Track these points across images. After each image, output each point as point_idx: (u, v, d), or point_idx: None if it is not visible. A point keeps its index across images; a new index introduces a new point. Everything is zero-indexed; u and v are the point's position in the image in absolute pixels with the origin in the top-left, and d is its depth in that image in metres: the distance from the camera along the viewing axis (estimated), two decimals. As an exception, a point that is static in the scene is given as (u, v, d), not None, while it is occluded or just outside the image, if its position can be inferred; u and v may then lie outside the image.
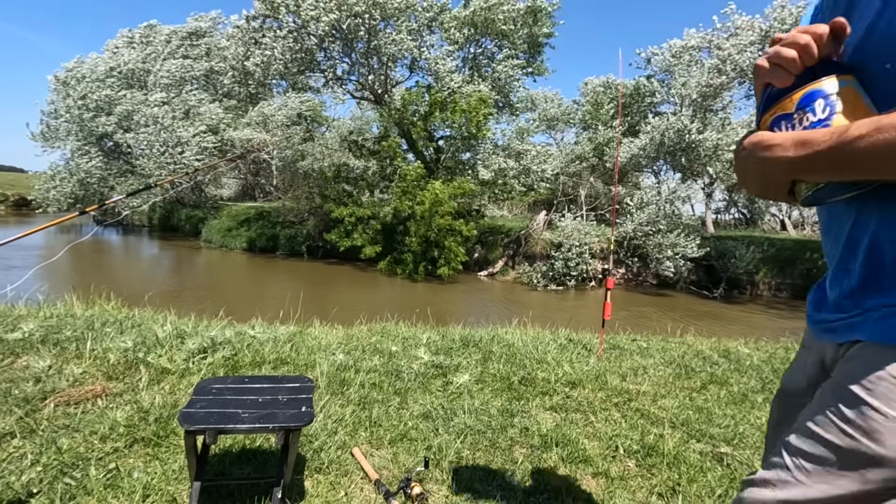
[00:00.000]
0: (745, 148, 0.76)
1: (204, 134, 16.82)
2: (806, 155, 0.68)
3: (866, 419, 0.68)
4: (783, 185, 0.74)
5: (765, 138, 0.73)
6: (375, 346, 3.35)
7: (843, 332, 0.81)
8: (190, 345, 2.82)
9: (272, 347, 3.06)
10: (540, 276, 12.87)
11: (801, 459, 0.75)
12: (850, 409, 0.70)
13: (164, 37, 22.16)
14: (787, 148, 0.70)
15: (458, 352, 3.32)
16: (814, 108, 0.71)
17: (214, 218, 19.90)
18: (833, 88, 0.71)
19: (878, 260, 0.76)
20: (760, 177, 0.76)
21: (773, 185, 0.75)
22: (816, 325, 0.93)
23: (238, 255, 16.95)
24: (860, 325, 0.77)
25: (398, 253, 13.60)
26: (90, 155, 19.51)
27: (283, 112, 15.98)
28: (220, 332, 3.11)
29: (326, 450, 1.97)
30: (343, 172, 15.25)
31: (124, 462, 1.80)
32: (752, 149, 0.75)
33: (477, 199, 15.06)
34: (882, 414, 0.67)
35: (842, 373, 0.76)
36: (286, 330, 3.55)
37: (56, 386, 2.32)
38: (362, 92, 16.48)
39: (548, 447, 2.15)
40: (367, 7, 13.32)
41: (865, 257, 0.78)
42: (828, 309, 0.87)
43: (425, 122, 14.28)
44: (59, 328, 3.05)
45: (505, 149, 15.51)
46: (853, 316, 0.79)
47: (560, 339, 3.90)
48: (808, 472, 0.74)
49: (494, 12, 15.04)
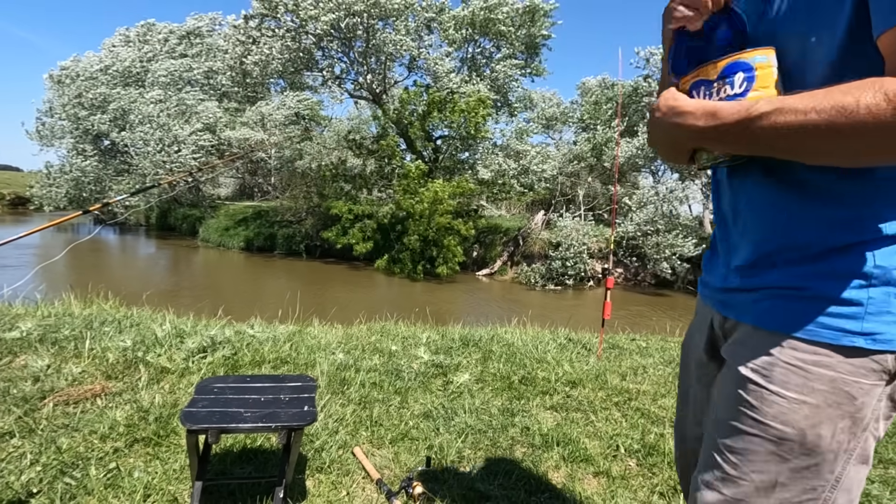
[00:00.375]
0: (660, 110, 0.77)
1: (200, 132, 16.77)
2: (713, 126, 0.70)
3: (770, 405, 0.74)
4: (687, 151, 0.77)
5: (679, 105, 0.74)
6: (375, 345, 3.34)
7: (729, 308, 0.86)
8: (189, 344, 2.81)
9: (272, 347, 3.05)
10: (538, 276, 12.89)
11: (728, 454, 0.79)
12: (754, 398, 0.76)
13: (162, 35, 22.08)
14: (697, 117, 0.71)
15: (458, 351, 3.32)
16: (733, 80, 0.72)
17: (212, 217, 19.84)
18: (755, 62, 0.71)
19: (761, 238, 0.80)
20: (670, 141, 0.78)
21: (680, 150, 0.78)
22: (703, 288, 0.99)
23: (235, 255, 16.92)
24: (745, 308, 0.81)
25: (396, 252, 13.59)
26: (85, 154, 19.43)
27: (281, 112, 15.95)
28: (220, 332, 3.10)
29: (328, 449, 1.96)
30: (341, 171, 15.24)
31: (125, 462, 1.79)
32: (666, 113, 0.76)
33: (475, 199, 15.05)
34: (783, 398, 0.73)
35: (736, 360, 0.80)
36: (285, 329, 3.54)
37: (55, 385, 2.31)
38: (360, 91, 16.46)
39: (549, 446, 2.15)
40: (367, 6, 13.30)
41: (749, 233, 0.82)
42: (716, 277, 0.92)
43: (423, 121, 14.27)
44: (58, 327, 3.04)
45: (504, 149, 15.51)
46: (738, 291, 0.83)
47: (559, 338, 3.90)
48: (738, 464, 0.77)
49: (494, 12, 15.04)
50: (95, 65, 20.16)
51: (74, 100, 19.18)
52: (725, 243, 0.90)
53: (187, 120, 17.16)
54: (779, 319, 0.75)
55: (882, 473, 2.11)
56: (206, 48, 21.31)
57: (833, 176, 0.71)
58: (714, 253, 0.97)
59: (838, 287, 0.71)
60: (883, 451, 2.28)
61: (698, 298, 1.03)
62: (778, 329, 0.75)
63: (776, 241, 0.77)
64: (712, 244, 0.99)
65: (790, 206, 0.76)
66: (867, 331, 0.69)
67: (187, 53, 21.14)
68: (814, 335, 0.71)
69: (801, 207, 0.75)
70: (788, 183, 0.76)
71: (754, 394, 0.76)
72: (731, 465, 0.78)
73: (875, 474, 2.09)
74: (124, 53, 21.02)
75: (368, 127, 16.55)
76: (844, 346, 0.70)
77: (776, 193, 0.77)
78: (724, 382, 0.83)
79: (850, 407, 0.71)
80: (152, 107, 17.24)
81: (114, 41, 22.68)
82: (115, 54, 21.01)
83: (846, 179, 0.70)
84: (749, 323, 0.80)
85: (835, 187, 0.71)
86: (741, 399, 0.77)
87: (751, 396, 0.76)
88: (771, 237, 0.78)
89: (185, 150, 16.44)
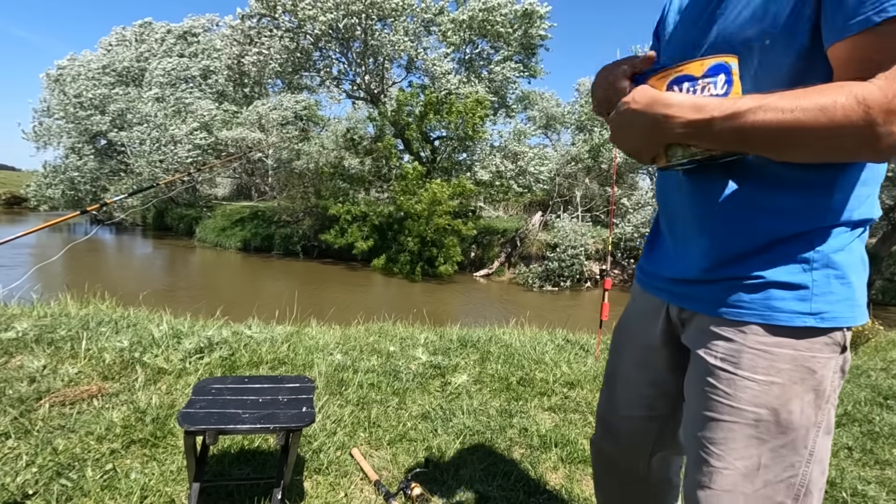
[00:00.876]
0: (638, 103, 0.76)
1: (197, 131, 16.72)
2: (699, 120, 0.71)
3: (743, 390, 0.79)
4: (660, 146, 0.77)
5: (663, 97, 0.74)
6: (373, 346, 3.33)
7: (687, 300, 0.90)
8: (186, 344, 2.80)
9: (269, 347, 3.04)
10: (536, 277, 12.90)
11: (711, 447, 0.81)
12: (726, 385, 0.80)
13: (159, 35, 22.02)
14: (685, 110, 0.72)
15: (456, 352, 3.31)
16: (716, 81, 0.73)
17: (209, 217, 19.78)
18: (732, 68, 0.74)
19: (716, 232, 0.83)
20: (647, 135, 0.77)
21: (654, 144, 0.78)
22: (650, 278, 1.02)
23: (233, 255, 16.87)
24: (706, 299, 0.85)
25: (394, 252, 13.58)
26: (82, 154, 19.36)
27: (278, 111, 15.92)
28: (217, 332, 3.09)
29: (325, 450, 1.96)
30: (339, 171, 15.22)
31: (121, 463, 1.78)
32: (647, 105, 0.75)
33: (473, 200, 15.06)
34: (753, 381, 0.78)
35: (704, 351, 0.84)
36: (283, 330, 3.53)
37: (51, 386, 2.30)
38: (358, 92, 16.45)
39: (547, 447, 2.15)
40: (365, 6, 13.29)
41: (705, 226, 0.85)
42: (667, 268, 0.95)
43: (420, 123, 14.27)
44: (54, 327, 3.02)
45: (501, 149, 15.52)
46: (697, 284, 0.87)
47: (557, 339, 3.90)
48: (721, 454, 0.80)
49: (493, 14, 15.05)
50: (93, 64, 20.09)
51: (74, 99, 19.11)
52: (675, 235, 0.94)
53: (184, 119, 17.10)
54: (740, 309, 0.80)
55: (879, 474, 2.11)
56: (202, 48, 21.26)
57: (782, 172, 0.76)
58: (659, 243, 1.01)
59: (786, 273, 0.77)
60: (879, 453, 2.29)
61: (637, 286, 1.08)
62: (740, 318, 0.80)
63: (731, 233, 0.81)
64: (656, 234, 1.03)
65: (743, 199, 0.80)
66: (815, 311, 0.76)
67: (184, 53, 21.08)
68: (772, 319, 0.77)
69: (753, 201, 0.79)
70: (741, 177, 0.80)
71: (726, 381, 0.80)
72: (716, 458, 0.81)
73: (871, 475, 2.10)
74: (122, 53, 20.96)
75: (366, 127, 16.49)
76: (799, 327, 0.76)
77: (729, 187, 0.81)
78: (695, 377, 0.87)
79: (812, 381, 0.77)
80: (150, 106, 17.19)
81: (111, 40, 22.62)
82: (113, 54, 20.96)
83: (793, 175, 0.76)
84: (711, 314, 0.84)
85: (782, 182, 0.77)
86: (714, 389, 0.81)
87: (723, 385, 0.80)
88: (725, 230, 0.82)
89: (182, 150, 16.39)
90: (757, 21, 0.75)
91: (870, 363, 3.81)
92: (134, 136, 17.11)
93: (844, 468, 2.13)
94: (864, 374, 3.47)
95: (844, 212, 0.77)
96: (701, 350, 0.85)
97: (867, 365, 3.74)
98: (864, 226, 0.80)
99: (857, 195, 0.77)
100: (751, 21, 0.76)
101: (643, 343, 1.04)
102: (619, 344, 1.13)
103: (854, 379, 3.35)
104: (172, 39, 21.77)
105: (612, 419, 1.13)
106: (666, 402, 1.03)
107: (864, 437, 2.44)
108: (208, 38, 21.63)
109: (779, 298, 0.77)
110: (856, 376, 3.40)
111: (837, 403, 0.82)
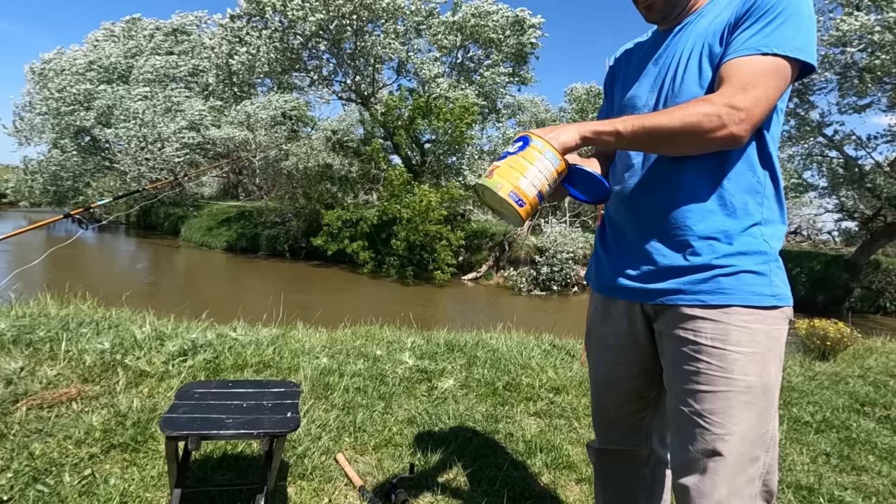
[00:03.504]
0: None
1: (185, 130, 16.51)
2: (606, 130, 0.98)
3: (733, 362, 0.94)
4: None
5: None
6: (360, 349, 3.32)
7: (663, 296, 1.02)
8: (170, 347, 2.75)
9: (254, 350, 3.01)
10: (524, 281, 12.94)
11: (711, 416, 0.94)
12: (719, 360, 0.95)
13: (148, 32, 21.71)
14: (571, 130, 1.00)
15: (443, 356, 3.31)
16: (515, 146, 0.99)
17: (195, 216, 19.53)
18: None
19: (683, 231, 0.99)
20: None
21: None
22: (611, 284, 1.14)
23: (218, 255, 16.67)
24: (683, 290, 0.99)
25: (383, 256, 13.53)
26: (65, 149, 18.98)
27: (267, 111, 15.77)
28: (201, 335, 3.05)
29: (310, 455, 1.94)
30: (328, 174, 15.13)
31: (100, 468, 1.75)
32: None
33: (463, 203, 15.07)
34: (740, 353, 0.94)
35: (691, 334, 0.98)
36: (269, 332, 3.50)
37: (28, 388, 2.25)
38: (348, 93, 16.39)
39: (532, 453, 2.15)
40: (355, 7, 13.26)
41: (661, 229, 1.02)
42: (632, 270, 1.07)
43: (408, 127, 14.25)
44: (32, 328, 2.96)
45: (491, 153, 15.57)
46: (670, 278, 1.01)
47: (544, 344, 3.92)
48: (721, 422, 0.93)
49: (484, 19, 15.12)
50: (79, 59, 19.73)
51: (57, 94, 18.73)
52: (627, 242, 1.09)
53: (172, 118, 16.87)
54: (724, 294, 0.96)
55: (856, 480, 2.16)
56: (191, 45, 21.01)
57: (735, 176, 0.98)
58: (616, 249, 1.14)
59: (754, 263, 0.96)
60: (856, 459, 2.33)
61: (599, 295, 1.23)
62: (725, 302, 0.96)
63: (700, 231, 0.98)
64: (609, 241, 1.18)
65: (708, 198, 0.98)
66: (775, 293, 0.97)
67: (174, 51, 20.81)
68: (748, 301, 0.96)
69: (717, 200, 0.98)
70: (703, 179, 0.99)
71: (718, 356, 0.95)
72: (717, 426, 0.93)
73: (849, 481, 2.14)
74: (109, 48, 20.62)
75: (356, 129, 16.43)
76: (766, 306, 0.96)
77: (693, 188, 0.99)
78: (682, 359, 1.00)
79: (778, 347, 0.98)
80: (139, 103, 16.91)
81: (98, 35, 22.24)
82: (101, 49, 20.60)
83: (739, 175, 0.98)
84: (693, 303, 0.98)
85: (739, 185, 0.98)
86: (709, 365, 0.95)
87: (715, 360, 0.95)
88: (693, 229, 0.99)
89: (169, 148, 16.16)
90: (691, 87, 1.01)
91: (848, 370, 3.89)
92: (120, 133, 16.81)
93: (822, 474, 2.17)
94: (842, 381, 3.54)
95: (779, 214, 1.01)
96: (689, 334, 0.98)
97: (845, 372, 3.81)
98: (784, 226, 1.03)
99: (781, 202, 1.01)
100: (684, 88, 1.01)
101: (618, 343, 1.17)
102: (596, 352, 1.25)
103: (832, 386, 3.41)
104: (161, 36, 21.48)
105: (610, 421, 1.25)
106: (654, 387, 1.17)
107: (842, 444, 2.49)
108: (197, 36, 21.39)
109: (752, 284, 0.96)
110: (834, 383, 3.46)
111: (816, 410, 0.95)
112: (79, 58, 19.93)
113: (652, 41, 1.14)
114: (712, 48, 0.98)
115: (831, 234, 18.04)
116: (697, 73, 0.99)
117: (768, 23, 0.91)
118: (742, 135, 0.89)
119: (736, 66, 0.91)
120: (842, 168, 12.26)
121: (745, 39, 0.92)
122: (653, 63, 1.09)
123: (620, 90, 1.18)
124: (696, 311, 0.98)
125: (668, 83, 1.04)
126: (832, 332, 4.34)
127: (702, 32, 1.01)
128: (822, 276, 12.63)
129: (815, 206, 17.06)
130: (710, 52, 0.98)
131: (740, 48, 0.92)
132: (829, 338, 4.33)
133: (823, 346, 4.34)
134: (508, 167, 0.95)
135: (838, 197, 13.82)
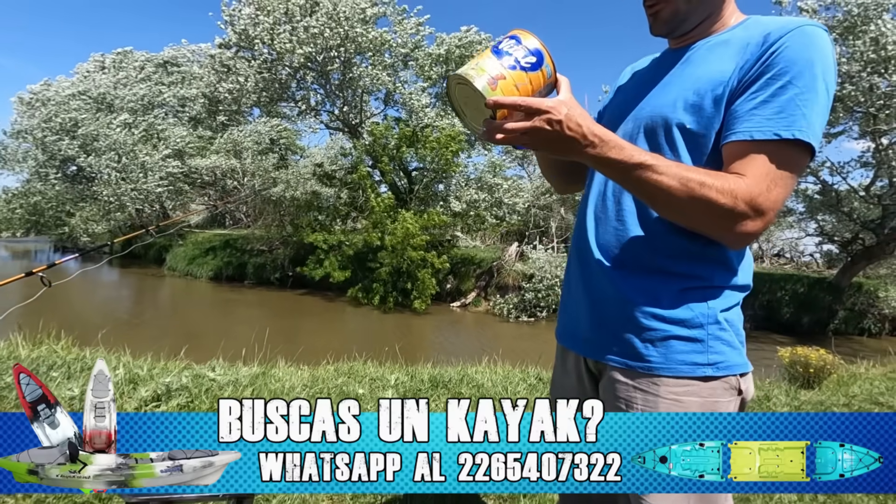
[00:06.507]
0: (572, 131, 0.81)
1: (169, 159, 16.45)
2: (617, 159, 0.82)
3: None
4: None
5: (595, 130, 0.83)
6: (342, 388, 3.25)
7: (600, 353, 0.96)
8: (142, 392, 2.67)
9: (232, 391, 2.94)
10: (512, 308, 12.92)
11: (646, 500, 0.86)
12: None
13: (139, 63, 21.86)
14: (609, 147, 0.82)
15: (427, 393, 3.26)
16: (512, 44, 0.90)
17: (180, 245, 19.32)
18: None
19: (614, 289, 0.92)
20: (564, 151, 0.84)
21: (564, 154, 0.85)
22: (567, 334, 1.08)
23: (203, 284, 16.44)
24: (616, 352, 0.92)
25: (368, 282, 13.46)
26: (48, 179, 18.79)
27: (254, 138, 15.81)
28: (177, 378, 2.96)
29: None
30: (315, 202, 15.15)
31: (60, 530, 1.66)
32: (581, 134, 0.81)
33: (449, 230, 15.13)
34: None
35: (622, 403, 0.91)
36: (248, 371, 3.42)
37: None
38: (336, 123, 16.57)
39: (515, 497, 2.10)
40: (342, 41, 13.53)
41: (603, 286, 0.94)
42: (581, 323, 1.01)
43: (394, 156, 14.39)
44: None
45: (478, 181, 15.74)
46: (605, 336, 0.94)
47: (530, 378, 3.88)
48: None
49: (469, 50, 15.51)
50: (68, 89, 19.72)
51: (43, 123, 18.65)
52: (576, 297, 1.02)
53: (155, 145, 16.83)
54: (650, 363, 0.88)
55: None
56: (181, 76, 21.16)
57: (684, 243, 0.88)
58: (571, 300, 1.06)
59: (685, 329, 0.87)
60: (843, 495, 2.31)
61: (559, 344, 1.15)
62: (651, 372, 0.88)
63: (636, 290, 0.90)
64: (568, 292, 1.09)
65: (649, 261, 0.90)
66: (711, 361, 0.87)
67: (164, 82, 20.93)
68: (678, 372, 0.87)
69: (656, 263, 0.90)
70: (648, 243, 0.91)
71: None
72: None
73: (835, 522, 2.11)
74: (98, 79, 20.66)
75: (345, 158, 16.55)
76: (699, 377, 0.87)
77: (635, 249, 0.91)
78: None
79: None
80: (119, 131, 16.83)
81: (88, 66, 22.33)
82: (90, 80, 20.62)
83: (693, 246, 0.88)
84: (624, 367, 0.91)
85: (685, 251, 0.88)
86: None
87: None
88: (631, 287, 0.90)
89: (152, 178, 16.07)
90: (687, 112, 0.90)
91: (832, 398, 3.90)
92: (103, 162, 16.70)
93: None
94: (827, 410, 3.54)
95: (732, 278, 0.90)
96: (621, 402, 0.91)
97: (830, 401, 3.82)
98: (745, 290, 0.92)
99: (742, 266, 0.91)
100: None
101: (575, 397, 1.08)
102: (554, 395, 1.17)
103: (817, 417, 3.40)
104: (152, 68, 21.62)
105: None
106: None
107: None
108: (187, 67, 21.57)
109: (681, 352, 0.87)
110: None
111: None
112: (67, 88, 19.93)
113: (659, 59, 1.03)
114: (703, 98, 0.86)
115: (813, 256, 18.39)
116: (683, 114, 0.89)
117: (793, 95, 0.79)
118: (753, 239, 0.82)
119: (757, 153, 0.80)
120: (818, 195, 12.58)
121: (766, 117, 0.80)
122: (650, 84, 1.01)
123: (616, 102, 1.09)
124: (626, 377, 0.90)
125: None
126: (814, 360, 4.36)
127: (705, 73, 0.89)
128: (805, 299, 12.79)
129: (797, 230, 17.43)
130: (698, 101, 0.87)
131: (762, 126, 0.80)
132: (811, 365, 4.35)
133: (807, 373, 4.35)
134: (513, 86, 0.82)
135: (817, 221, 14.14)
